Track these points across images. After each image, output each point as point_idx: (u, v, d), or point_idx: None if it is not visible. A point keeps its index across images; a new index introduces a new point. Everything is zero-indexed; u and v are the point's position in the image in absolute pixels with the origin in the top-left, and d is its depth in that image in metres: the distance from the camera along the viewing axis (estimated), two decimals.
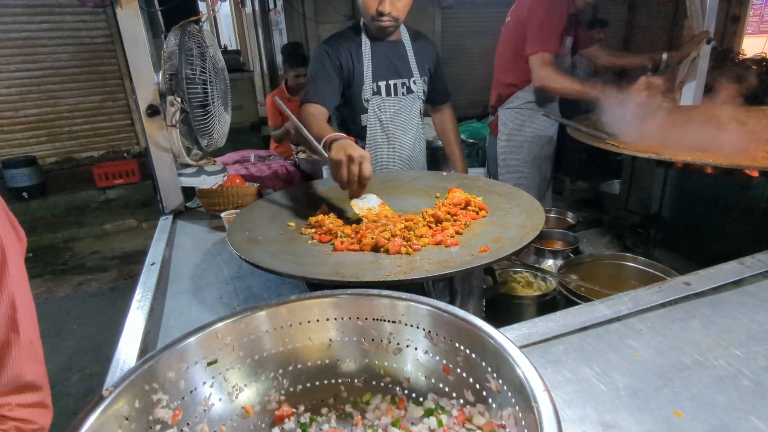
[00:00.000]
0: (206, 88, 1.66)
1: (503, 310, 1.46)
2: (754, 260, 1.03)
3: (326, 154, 1.28)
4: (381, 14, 1.66)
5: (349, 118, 1.89)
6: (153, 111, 1.64)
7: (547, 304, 1.43)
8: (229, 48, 8.39)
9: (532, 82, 2.19)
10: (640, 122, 1.79)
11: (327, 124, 1.58)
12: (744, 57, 7.97)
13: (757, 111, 2.00)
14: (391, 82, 1.85)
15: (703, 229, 1.59)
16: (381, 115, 1.86)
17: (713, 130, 1.72)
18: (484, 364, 0.62)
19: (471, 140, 4.48)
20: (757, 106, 2.08)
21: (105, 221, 5.39)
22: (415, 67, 1.90)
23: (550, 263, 1.67)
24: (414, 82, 1.91)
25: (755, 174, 1.46)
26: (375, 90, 1.83)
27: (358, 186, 1.21)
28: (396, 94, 1.87)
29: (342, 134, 1.33)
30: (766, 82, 5.31)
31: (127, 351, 0.89)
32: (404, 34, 1.90)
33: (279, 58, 6.82)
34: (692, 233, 1.62)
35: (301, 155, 3.33)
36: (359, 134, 1.91)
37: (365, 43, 1.80)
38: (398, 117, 1.90)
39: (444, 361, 0.68)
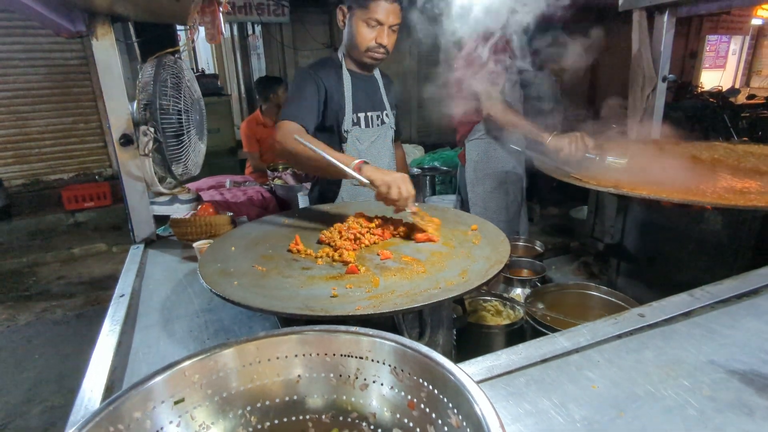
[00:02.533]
0: (181, 118, 1.67)
1: (473, 339, 1.49)
2: (703, 292, 1.09)
3: (359, 176, 1.36)
4: (380, 46, 1.76)
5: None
6: (126, 140, 1.64)
7: (515, 333, 1.47)
8: (206, 72, 8.40)
9: (485, 111, 2.36)
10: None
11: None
12: (702, 90, 8.43)
13: (709, 146, 2.13)
14: (369, 114, 1.94)
15: (661, 259, 1.67)
16: (360, 145, 1.93)
17: (670, 165, 1.82)
18: (445, 400, 0.64)
19: (445, 168, 4.57)
20: (710, 141, 2.22)
21: (73, 245, 5.24)
22: (386, 100, 2.02)
23: (518, 291, 1.72)
24: (387, 114, 2.02)
25: (708, 207, 1.55)
26: (355, 121, 1.90)
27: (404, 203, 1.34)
28: (373, 125, 1.96)
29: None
30: (722, 115, 5.64)
31: (92, 388, 0.88)
32: (375, 71, 2.01)
33: None
34: (651, 263, 1.70)
35: (277, 181, 3.34)
36: None
37: (346, 75, 1.87)
38: (375, 147, 1.99)
39: (409, 397, 0.70)
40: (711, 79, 11.02)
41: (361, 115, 1.92)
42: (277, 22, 6.57)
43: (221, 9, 1.19)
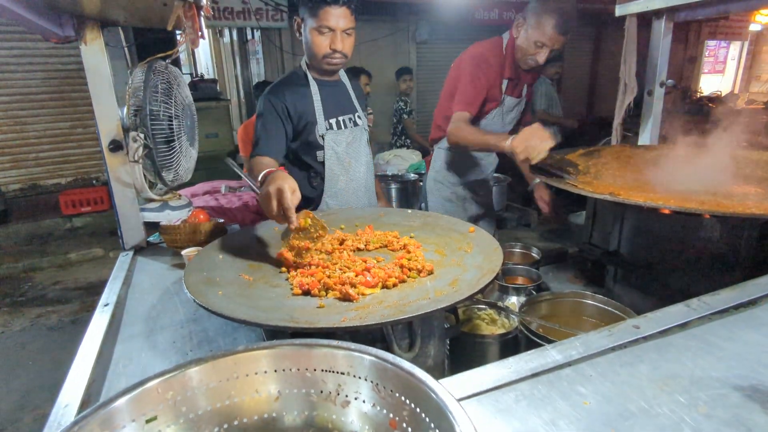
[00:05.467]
0: (171, 124, 1.65)
1: (467, 349, 1.46)
2: (699, 303, 1.06)
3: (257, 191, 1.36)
4: (335, 51, 1.78)
5: (306, 157, 1.95)
6: (115, 146, 1.62)
7: (510, 343, 1.43)
8: (206, 77, 8.41)
9: (449, 129, 2.13)
10: None
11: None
12: (701, 95, 8.42)
13: (708, 152, 2.10)
14: (340, 118, 1.97)
15: (659, 267, 1.64)
16: (337, 147, 1.95)
17: (669, 171, 1.80)
18: (427, 419, 0.61)
19: None
20: (710, 148, 2.19)
21: (69, 250, 5.21)
22: (356, 103, 2.06)
23: (513, 300, 1.69)
24: (359, 116, 2.05)
25: (706, 216, 1.52)
26: (327, 127, 1.92)
27: (283, 217, 1.24)
28: (346, 127, 1.99)
29: (275, 168, 1.41)
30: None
31: (67, 403, 0.85)
32: (342, 75, 2.04)
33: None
34: (649, 271, 1.67)
35: None
36: (317, 170, 1.97)
37: (313, 84, 1.90)
38: (351, 147, 2.01)
39: (390, 415, 0.67)
40: (710, 84, 11.02)
41: (333, 120, 1.94)
42: (276, 27, 6.58)
43: (202, 13, 1.17)
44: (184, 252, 1.51)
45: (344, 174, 2.00)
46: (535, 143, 1.65)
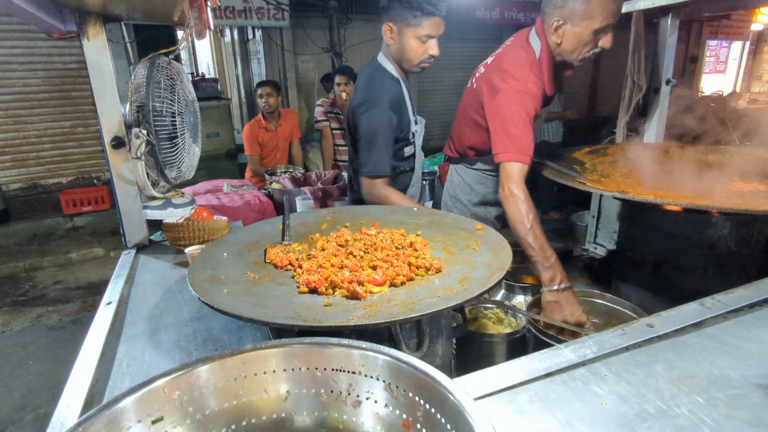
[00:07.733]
0: (174, 121, 1.63)
1: (474, 348, 1.44)
2: (714, 301, 1.04)
3: None
4: (431, 57, 1.88)
5: (395, 151, 1.99)
6: (118, 143, 1.60)
7: (517, 343, 1.42)
8: (207, 76, 8.38)
9: (499, 191, 1.66)
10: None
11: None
12: (702, 94, 8.39)
13: (714, 149, 2.09)
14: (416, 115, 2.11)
15: (667, 266, 1.62)
16: (418, 140, 2.12)
17: (676, 169, 1.78)
18: (443, 420, 0.60)
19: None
20: (717, 145, 2.17)
21: (70, 250, 5.20)
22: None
23: (520, 299, 1.67)
24: (415, 112, 2.15)
25: (715, 213, 1.50)
26: (416, 122, 2.06)
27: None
28: (417, 123, 2.12)
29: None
30: (723, 120, 5.59)
31: (69, 403, 0.83)
32: None
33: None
34: (657, 269, 1.65)
35: (275, 185, 3.30)
36: (401, 165, 2.06)
37: (403, 87, 1.99)
38: (419, 140, 2.16)
39: (404, 416, 0.65)
40: (711, 84, 11.01)
41: (413, 117, 2.07)
42: (277, 27, 6.56)
43: (209, 3, 1.16)
44: (187, 250, 1.49)
45: (419, 163, 2.15)
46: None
